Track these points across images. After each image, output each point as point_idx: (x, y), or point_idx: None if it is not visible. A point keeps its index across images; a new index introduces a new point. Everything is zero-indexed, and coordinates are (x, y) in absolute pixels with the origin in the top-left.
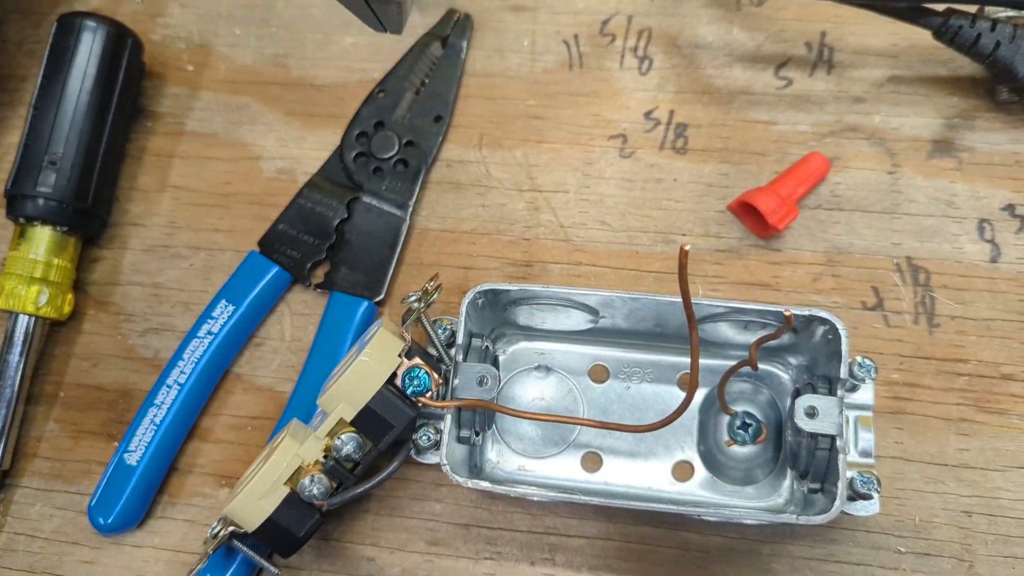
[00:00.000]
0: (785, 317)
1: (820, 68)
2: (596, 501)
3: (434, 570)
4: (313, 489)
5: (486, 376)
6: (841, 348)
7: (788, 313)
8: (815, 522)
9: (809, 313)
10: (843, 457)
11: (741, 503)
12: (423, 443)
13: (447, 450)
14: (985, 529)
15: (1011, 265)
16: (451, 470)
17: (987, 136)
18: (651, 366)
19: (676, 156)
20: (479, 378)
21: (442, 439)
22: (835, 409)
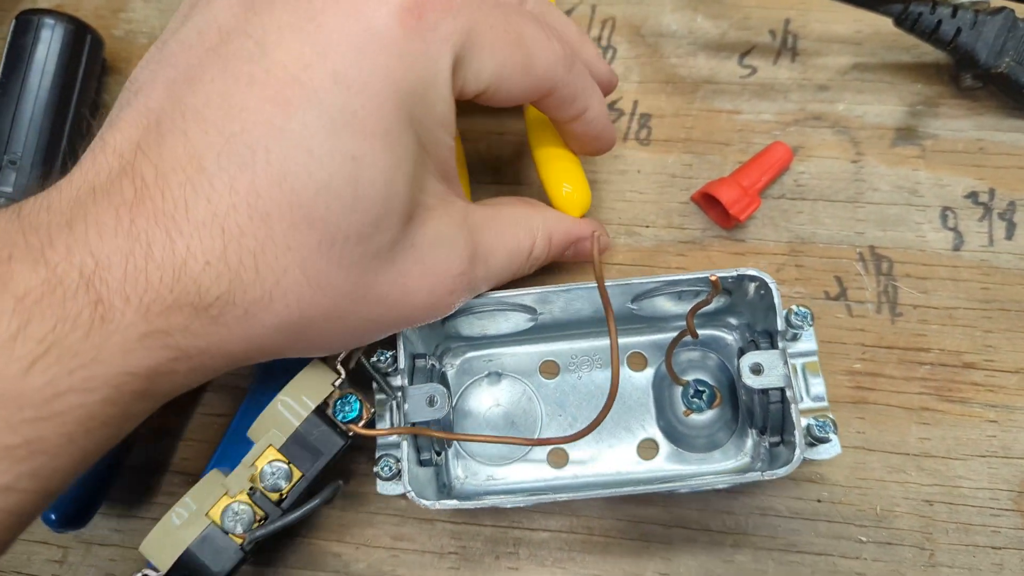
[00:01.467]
0: (711, 282)
1: (784, 56)
2: (568, 497)
3: (399, 565)
4: (236, 520)
5: (434, 395)
6: (774, 301)
7: (714, 277)
8: (780, 475)
9: (737, 273)
10: (795, 407)
11: (709, 468)
12: (384, 474)
13: (409, 476)
14: (946, 518)
15: (973, 253)
16: (416, 495)
17: (951, 123)
18: (598, 352)
19: (640, 147)
20: (428, 399)
21: (403, 466)
22: (779, 361)
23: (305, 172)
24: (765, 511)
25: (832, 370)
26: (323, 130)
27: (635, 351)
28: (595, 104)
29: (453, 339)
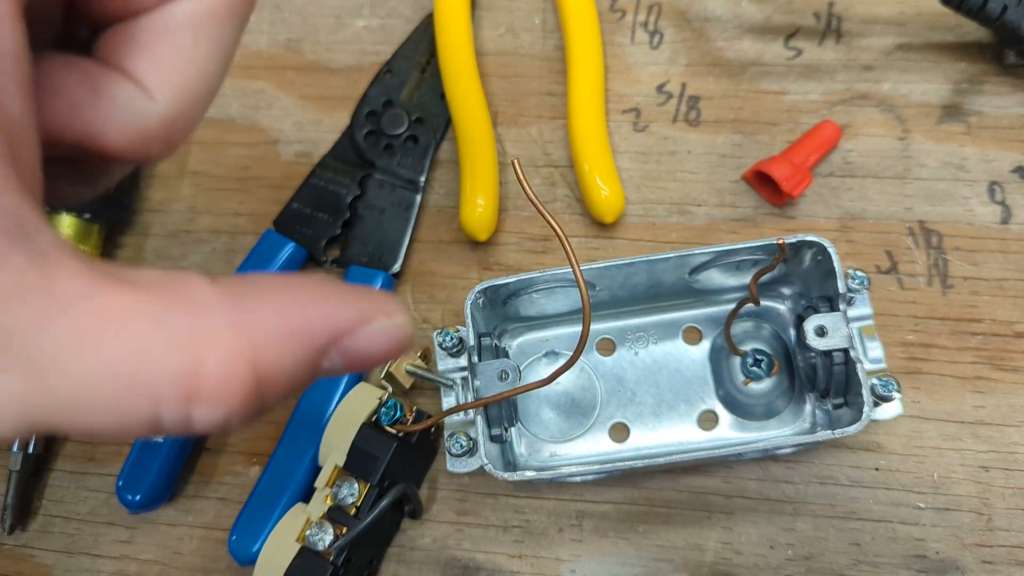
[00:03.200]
0: (779, 245)
1: (829, 37)
2: (642, 464)
3: (464, 538)
4: (318, 538)
5: (505, 370)
6: (834, 266)
7: (781, 241)
8: (851, 432)
9: (797, 239)
10: (860, 366)
11: (771, 435)
12: (456, 450)
13: (485, 450)
14: (1002, 483)
15: (1021, 226)
16: (493, 467)
17: (995, 100)
18: (653, 327)
19: (689, 128)
20: (499, 373)
21: (478, 441)
22: (842, 323)
23: None
24: (824, 480)
25: (886, 342)
26: None
27: (690, 325)
28: None
29: (512, 320)
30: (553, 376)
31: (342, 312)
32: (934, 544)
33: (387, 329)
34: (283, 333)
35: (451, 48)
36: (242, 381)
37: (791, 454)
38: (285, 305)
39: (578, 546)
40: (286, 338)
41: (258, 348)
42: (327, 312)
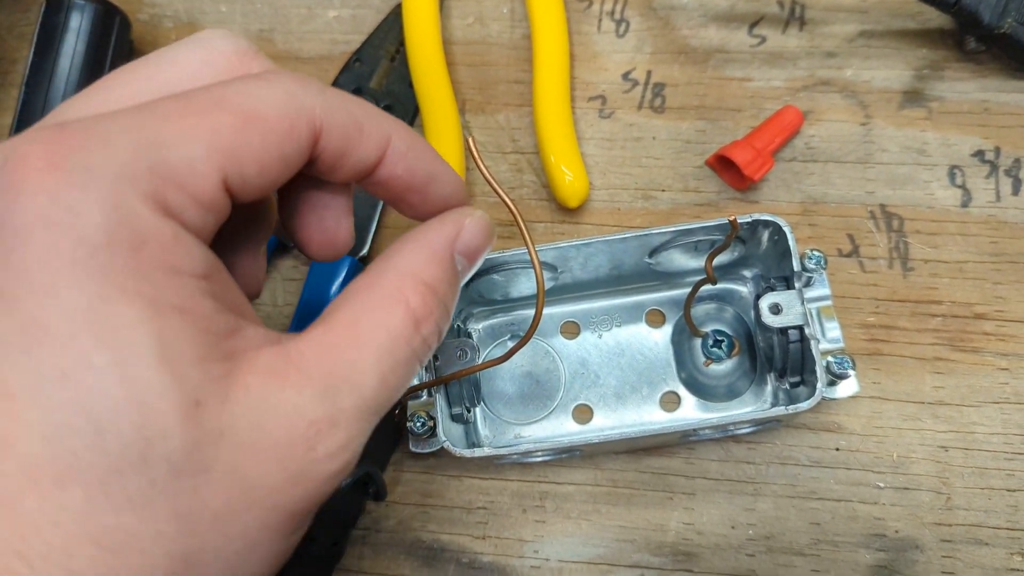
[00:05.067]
0: (730, 222)
1: (792, 25)
2: (591, 440)
3: (429, 520)
4: None
5: (464, 348)
6: (789, 245)
7: (732, 218)
8: (803, 408)
9: (752, 218)
10: (814, 343)
11: (731, 415)
12: (417, 430)
13: (443, 429)
14: (961, 463)
15: (981, 209)
16: (451, 444)
17: (956, 85)
18: (617, 310)
19: (654, 115)
20: (458, 352)
21: (437, 419)
22: (796, 300)
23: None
24: (785, 460)
25: (847, 324)
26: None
27: (653, 308)
28: (399, 133)
29: (476, 303)
30: (509, 354)
31: (445, 228)
32: (893, 523)
33: (478, 221)
34: (426, 258)
35: (419, 37)
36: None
37: (751, 434)
38: (415, 248)
39: (541, 527)
40: (431, 261)
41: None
42: (437, 235)
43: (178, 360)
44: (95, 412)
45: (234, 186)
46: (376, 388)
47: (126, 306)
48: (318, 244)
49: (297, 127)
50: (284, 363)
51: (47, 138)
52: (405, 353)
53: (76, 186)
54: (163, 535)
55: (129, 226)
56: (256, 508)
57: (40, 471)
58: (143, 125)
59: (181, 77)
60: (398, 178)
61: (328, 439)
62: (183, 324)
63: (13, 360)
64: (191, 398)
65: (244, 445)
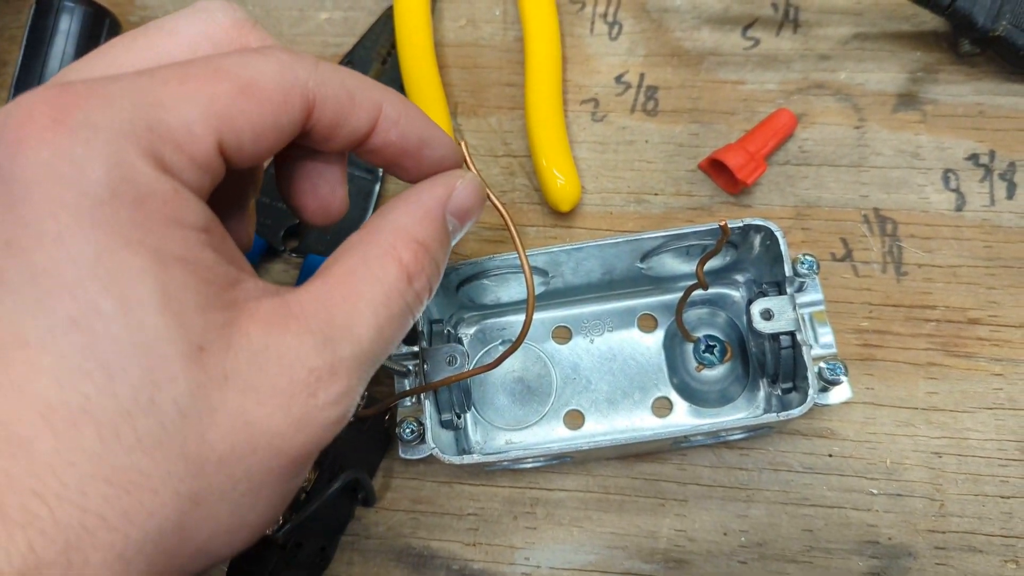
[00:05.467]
0: (721, 227)
1: (786, 27)
2: (581, 447)
3: (419, 527)
4: None
5: (453, 354)
6: (781, 250)
7: (723, 222)
8: (795, 415)
9: (744, 223)
10: (806, 349)
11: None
12: (407, 436)
13: (432, 434)
14: (955, 469)
15: (975, 213)
16: (440, 452)
17: (950, 88)
18: (609, 315)
19: (647, 118)
20: (448, 358)
21: (426, 426)
22: (788, 306)
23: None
24: (777, 467)
25: (840, 329)
26: None
27: (645, 312)
28: (390, 100)
29: (467, 308)
30: (498, 361)
31: (437, 189)
32: (887, 530)
33: (470, 182)
34: (419, 216)
35: (410, 39)
36: (429, 248)
37: (744, 440)
38: (408, 207)
39: (532, 533)
40: (423, 220)
41: (418, 232)
42: (429, 195)
43: (182, 307)
44: (105, 356)
45: (229, 150)
46: (373, 339)
47: (131, 255)
48: (313, 210)
49: (291, 98)
50: (284, 313)
51: (51, 95)
52: (399, 306)
53: (80, 141)
54: (172, 475)
55: (131, 180)
56: (260, 451)
57: (55, 413)
58: (144, 88)
59: (180, 46)
60: (392, 144)
61: (328, 386)
62: (185, 273)
63: (25, 308)
64: (195, 343)
65: (248, 390)
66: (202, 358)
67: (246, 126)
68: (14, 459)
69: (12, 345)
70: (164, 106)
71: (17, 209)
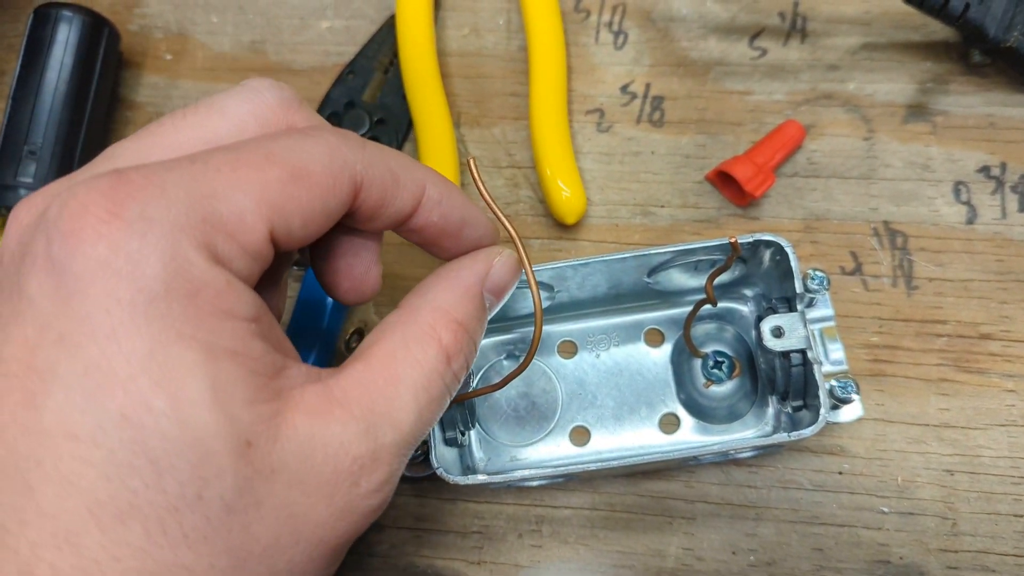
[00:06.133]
0: (731, 244)
1: (794, 37)
2: (596, 466)
3: (422, 545)
4: None
5: None
6: (791, 266)
7: (733, 239)
8: (806, 435)
9: (753, 239)
10: (818, 367)
11: (732, 438)
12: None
13: (436, 454)
14: (967, 487)
15: (987, 226)
16: (445, 471)
17: (961, 99)
18: (615, 330)
19: (653, 129)
20: None
21: (430, 444)
22: (799, 323)
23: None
24: (787, 484)
25: (850, 344)
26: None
27: (652, 327)
28: (432, 181)
29: None
30: (504, 381)
31: (476, 266)
32: (898, 549)
33: (507, 260)
34: (458, 296)
35: (412, 49)
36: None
37: (753, 458)
38: (448, 285)
39: (538, 552)
40: (462, 299)
41: (454, 312)
42: (468, 273)
43: (231, 402)
44: (154, 452)
45: (279, 237)
46: (413, 424)
47: (183, 350)
48: (346, 290)
49: (340, 182)
50: (328, 401)
51: (107, 186)
52: (439, 388)
53: (136, 235)
54: (215, 568)
55: (185, 274)
56: (303, 542)
57: (102, 508)
58: (197, 176)
59: (230, 128)
60: (433, 225)
61: (371, 474)
62: (235, 367)
63: (76, 403)
64: (243, 438)
65: (293, 482)
66: (250, 453)
67: (296, 212)
68: (60, 552)
69: (63, 438)
70: (217, 196)
71: (72, 303)
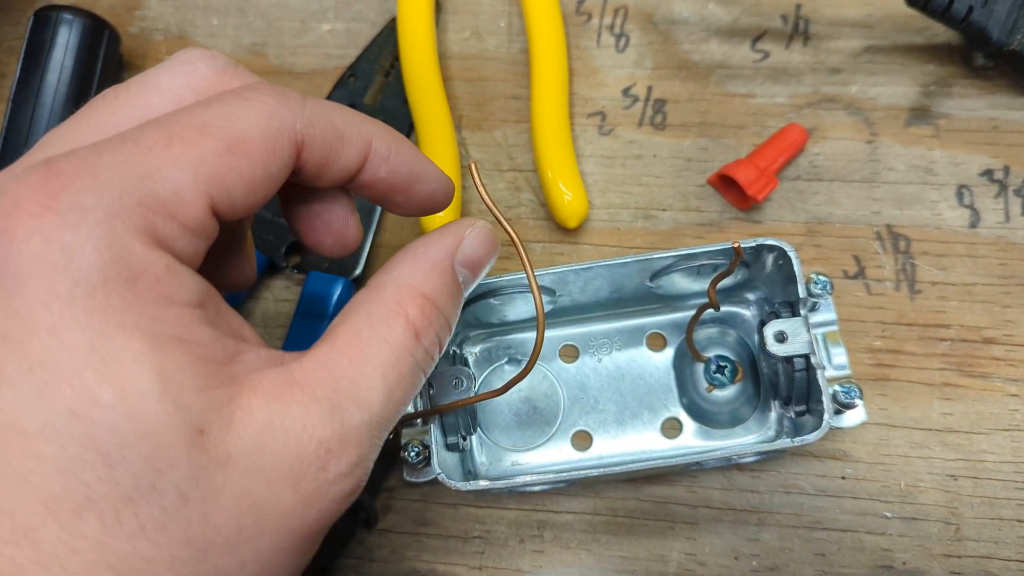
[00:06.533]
0: (734, 249)
1: (796, 40)
2: (597, 472)
3: (423, 550)
4: None
5: (459, 377)
6: (794, 270)
7: (736, 244)
8: (810, 440)
9: (756, 243)
10: (821, 372)
11: (735, 443)
12: (411, 459)
13: (438, 460)
14: (971, 492)
15: (990, 230)
16: (446, 477)
17: (964, 103)
18: (617, 334)
19: (655, 132)
20: (453, 381)
21: (432, 450)
22: (802, 328)
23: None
24: (789, 489)
25: (853, 348)
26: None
27: (654, 331)
28: (380, 136)
29: (472, 326)
30: (506, 387)
31: (445, 240)
32: (901, 554)
33: (479, 232)
34: (425, 270)
35: (413, 52)
36: (428, 308)
37: (755, 463)
38: (414, 260)
39: (539, 557)
40: (430, 273)
41: (422, 287)
42: (437, 247)
43: (180, 390)
44: (105, 446)
45: (221, 208)
46: (383, 403)
47: (126, 339)
48: (330, 245)
49: (280, 145)
50: (287, 383)
51: (37, 178)
52: (408, 365)
53: (69, 227)
54: (176, 560)
55: (123, 262)
56: (269, 532)
57: (57, 502)
58: (129, 158)
59: (164, 103)
60: (381, 180)
61: (339, 458)
62: (182, 354)
63: (24, 400)
64: (195, 426)
65: (252, 469)
66: (203, 441)
67: (237, 182)
68: (19, 547)
69: (13, 435)
70: (152, 176)
71: (11, 301)
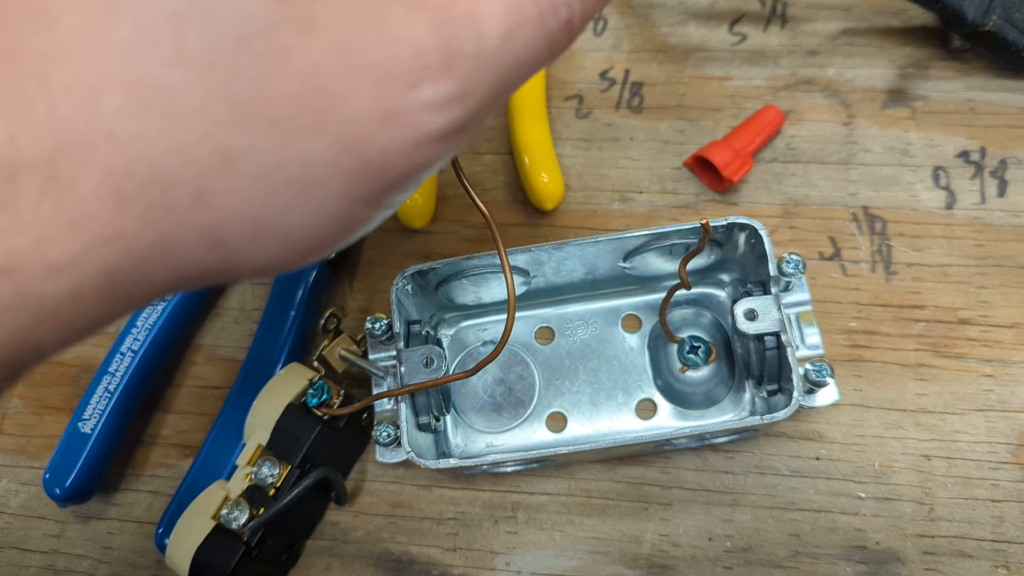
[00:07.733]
0: (702, 226)
1: (774, 23)
2: (569, 450)
3: (398, 531)
4: (233, 517)
5: (430, 356)
6: (765, 249)
7: (704, 221)
8: (779, 418)
9: (727, 222)
10: (791, 350)
11: (708, 423)
12: (383, 439)
13: (408, 439)
14: (944, 472)
15: (966, 211)
16: (417, 456)
17: (940, 84)
18: (592, 315)
19: (632, 115)
20: (424, 360)
21: (402, 429)
22: (773, 306)
23: None
24: (764, 470)
25: (828, 329)
26: None
27: (629, 313)
28: None
29: (447, 308)
30: (478, 367)
31: None
32: (875, 535)
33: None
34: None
35: None
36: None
37: (729, 443)
38: None
39: (513, 538)
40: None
41: None
42: None
43: None
44: None
45: None
46: (499, 40)
47: None
48: None
49: None
50: None
51: None
52: (533, 14)
53: None
54: (207, 114)
55: None
56: (327, 134)
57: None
58: None
59: None
60: None
61: (438, 80)
62: None
63: None
64: None
65: (333, 48)
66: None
67: None
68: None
69: None
70: None
71: None
